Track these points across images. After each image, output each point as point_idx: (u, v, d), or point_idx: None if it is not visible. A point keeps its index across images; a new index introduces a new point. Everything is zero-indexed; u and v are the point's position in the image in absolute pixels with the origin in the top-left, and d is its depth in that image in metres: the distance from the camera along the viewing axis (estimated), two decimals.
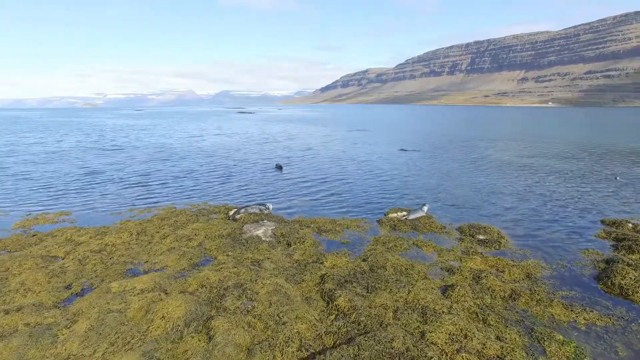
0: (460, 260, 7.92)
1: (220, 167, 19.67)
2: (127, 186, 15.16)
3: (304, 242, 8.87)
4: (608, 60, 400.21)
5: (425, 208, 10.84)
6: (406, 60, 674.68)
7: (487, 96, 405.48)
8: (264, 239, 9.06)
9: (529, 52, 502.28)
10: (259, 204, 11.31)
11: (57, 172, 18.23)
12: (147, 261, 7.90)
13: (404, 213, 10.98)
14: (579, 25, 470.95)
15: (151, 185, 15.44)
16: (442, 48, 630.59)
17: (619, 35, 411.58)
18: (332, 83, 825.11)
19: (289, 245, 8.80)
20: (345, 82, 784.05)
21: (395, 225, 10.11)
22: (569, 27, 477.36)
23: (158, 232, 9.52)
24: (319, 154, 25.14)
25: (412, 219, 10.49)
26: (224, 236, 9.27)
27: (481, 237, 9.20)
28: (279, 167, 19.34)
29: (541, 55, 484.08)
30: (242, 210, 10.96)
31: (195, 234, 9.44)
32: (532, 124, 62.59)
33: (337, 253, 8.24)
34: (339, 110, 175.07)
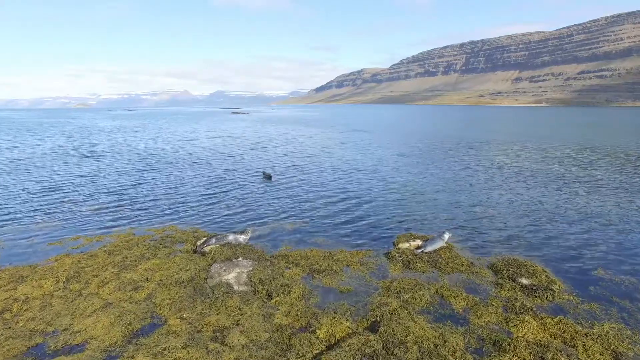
0: (507, 323, 5.68)
1: (201, 179, 17.30)
2: (87, 205, 12.69)
3: (290, 292, 6.58)
4: (601, 60, 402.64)
5: (446, 236, 8.61)
6: (401, 61, 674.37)
7: (482, 96, 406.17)
8: (236, 287, 6.75)
9: (522, 52, 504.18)
10: (235, 232, 9.00)
11: (11, 186, 15.67)
12: (66, 329, 5.57)
13: (418, 242, 8.74)
14: (572, 25, 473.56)
15: (116, 202, 13.01)
16: (437, 48, 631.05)
17: (611, 35, 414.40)
18: (327, 83, 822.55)
19: (269, 297, 6.51)
20: (340, 82, 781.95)
21: (409, 262, 7.86)
22: (562, 28, 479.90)
23: (97, 276, 7.17)
24: (313, 160, 22.86)
25: (430, 251, 8.26)
26: (183, 283, 6.95)
27: (525, 281, 6.97)
28: (268, 177, 17.02)
29: (535, 55, 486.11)
30: (213, 239, 8.65)
31: (147, 279, 7.11)
32: (534, 124, 60.83)
33: (335, 312, 5.97)
34: (334, 110, 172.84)
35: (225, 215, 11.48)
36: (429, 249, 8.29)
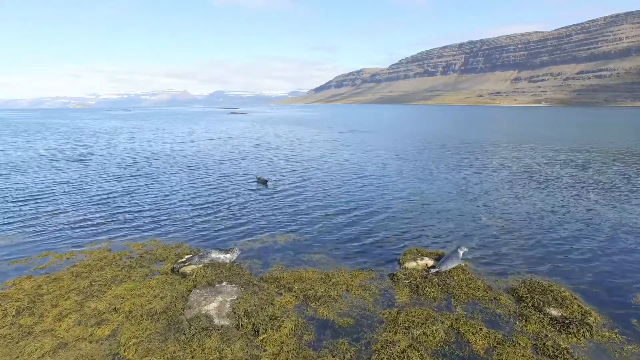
0: None
1: (193, 185, 16.30)
2: (65, 217, 11.63)
3: (280, 327, 5.60)
4: (599, 60, 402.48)
5: (461, 253, 7.60)
6: (400, 61, 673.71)
7: (481, 96, 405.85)
8: (217, 321, 5.75)
9: (521, 52, 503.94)
10: (220, 249, 7.99)
11: None
12: None
13: (427, 260, 7.76)
14: (571, 25, 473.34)
15: (97, 213, 11.95)
16: (436, 48, 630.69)
17: (610, 35, 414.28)
18: (326, 83, 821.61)
19: (256, 333, 5.52)
20: (339, 82, 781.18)
21: (417, 286, 6.88)
22: (561, 28, 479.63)
23: (56, 307, 6.18)
24: (311, 165, 21.88)
25: (443, 271, 7.27)
26: (156, 314, 5.95)
27: (554, 311, 5.99)
28: (263, 182, 16.03)
29: (534, 55, 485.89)
30: (195, 258, 7.65)
31: (115, 309, 6.12)
32: (535, 124, 59.91)
33: (332, 355, 4.98)
34: (333, 110, 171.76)
35: (214, 228, 10.47)
36: (443, 268, 7.28)
